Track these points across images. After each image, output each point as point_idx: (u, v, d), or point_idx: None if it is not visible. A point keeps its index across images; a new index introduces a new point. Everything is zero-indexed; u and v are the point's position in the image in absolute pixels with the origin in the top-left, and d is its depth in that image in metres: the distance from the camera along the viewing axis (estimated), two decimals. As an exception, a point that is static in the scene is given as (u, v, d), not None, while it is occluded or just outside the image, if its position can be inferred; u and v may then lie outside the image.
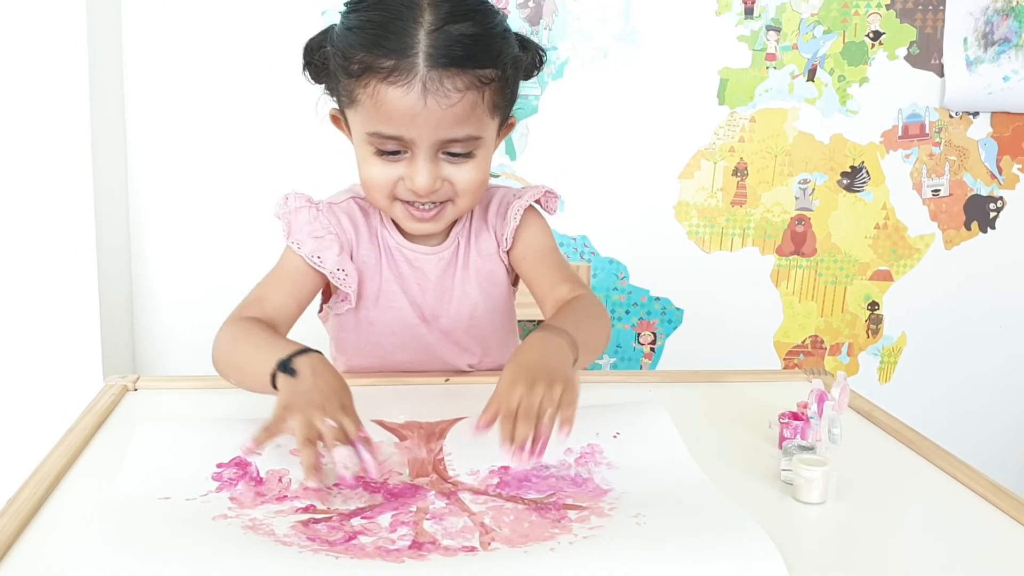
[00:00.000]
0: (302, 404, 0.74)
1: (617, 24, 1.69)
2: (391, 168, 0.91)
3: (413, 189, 0.91)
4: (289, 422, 0.73)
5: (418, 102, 0.85)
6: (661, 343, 1.83)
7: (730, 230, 1.79)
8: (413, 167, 0.90)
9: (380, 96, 0.86)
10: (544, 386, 0.75)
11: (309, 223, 0.99)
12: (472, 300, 1.05)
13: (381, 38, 0.85)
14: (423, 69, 0.85)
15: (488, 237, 1.06)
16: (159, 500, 0.68)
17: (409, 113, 0.86)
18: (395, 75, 0.85)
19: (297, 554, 0.60)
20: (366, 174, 0.93)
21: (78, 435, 0.81)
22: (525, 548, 0.63)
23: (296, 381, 0.78)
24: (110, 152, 1.56)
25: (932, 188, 1.80)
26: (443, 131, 0.88)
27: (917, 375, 1.88)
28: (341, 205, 1.03)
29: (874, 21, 1.72)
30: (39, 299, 1.46)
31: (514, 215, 1.03)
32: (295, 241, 0.99)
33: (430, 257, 1.03)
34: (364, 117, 0.89)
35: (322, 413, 0.73)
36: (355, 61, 0.86)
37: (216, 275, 1.68)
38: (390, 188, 0.92)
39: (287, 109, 1.64)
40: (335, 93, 0.94)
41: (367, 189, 0.95)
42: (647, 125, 1.73)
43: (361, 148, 0.92)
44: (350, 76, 0.88)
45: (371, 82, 0.86)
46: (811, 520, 0.72)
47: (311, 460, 0.70)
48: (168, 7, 1.59)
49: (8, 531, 0.63)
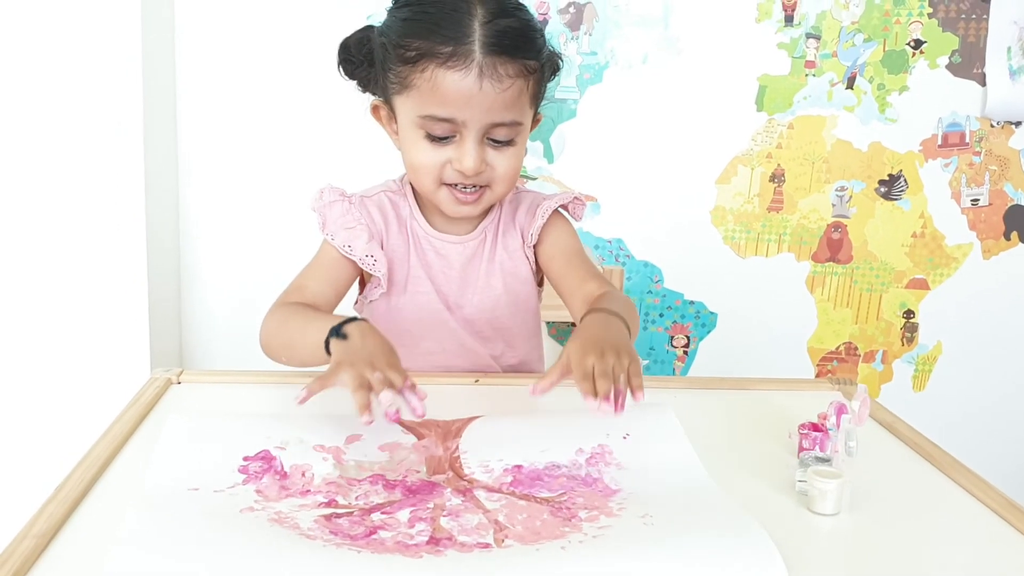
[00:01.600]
0: (353, 360, 0.81)
1: (657, 30, 1.70)
2: (439, 152, 0.98)
3: (461, 170, 0.97)
4: (341, 375, 0.80)
5: (474, 85, 0.93)
6: (695, 347, 1.84)
7: (766, 236, 1.80)
8: (462, 149, 0.96)
9: (438, 79, 0.93)
10: (613, 356, 0.81)
11: (342, 215, 1.06)
12: (495, 292, 1.10)
13: (439, 27, 0.93)
14: (479, 55, 0.93)
15: (515, 235, 1.12)
16: (189, 491, 0.72)
17: (465, 96, 0.93)
18: (453, 60, 0.93)
19: (321, 547, 0.64)
20: (415, 158, 1.00)
21: (123, 426, 0.86)
22: (537, 546, 0.66)
23: (347, 343, 0.85)
24: (161, 149, 1.61)
25: (971, 197, 1.79)
26: (493, 115, 0.95)
27: (952, 384, 1.87)
28: (372, 198, 1.10)
29: (915, 30, 1.72)
30: (90, 294, 1.52)
31: (542, 213, 1.09)
32: (329, 233, 1.06)
33: (455, 246, 1.09)
34: (418, 101, 0.96)
35: (371, 368, 0.80)
36: (412, 48, 0.94)
37: (262, 270, 1.73)
38: (438, 171, 0.99)
39: (333, 108, 1.68)
40: (380, 84, 1.01)
41: (415, 173, 1.02)
42: (685, 130, 1.74)
43: (410, 132, 0.99)
44: (406, 62, 0.95)
45: (429, 67, 0.93)
46: (823, 532, 0.73)
47: (363, 401, 0.77)
48: (220, 10, 1.64)
49: (56, 516, 0.67)
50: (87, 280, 1.51)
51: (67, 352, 1.53)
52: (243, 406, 0.95)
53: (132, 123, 1.49)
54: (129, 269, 1.51)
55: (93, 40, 1.45)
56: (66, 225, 1.50)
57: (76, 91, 1.46)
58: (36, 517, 0.67)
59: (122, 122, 1.48)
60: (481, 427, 0.87)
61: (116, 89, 1.47)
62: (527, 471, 0.79)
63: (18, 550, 0.62)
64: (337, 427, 0.84)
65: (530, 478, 0.78)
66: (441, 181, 1.00)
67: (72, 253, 1.50)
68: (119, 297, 1.52)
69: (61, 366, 1.53)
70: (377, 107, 1.05)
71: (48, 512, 0.67)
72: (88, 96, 1.47)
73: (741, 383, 1.09)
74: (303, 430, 0.83)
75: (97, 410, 1.09)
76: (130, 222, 1.50)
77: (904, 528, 0.74)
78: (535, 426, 0.88)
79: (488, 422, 0.88)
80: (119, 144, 1.48)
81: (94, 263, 1.51)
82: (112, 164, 1.49)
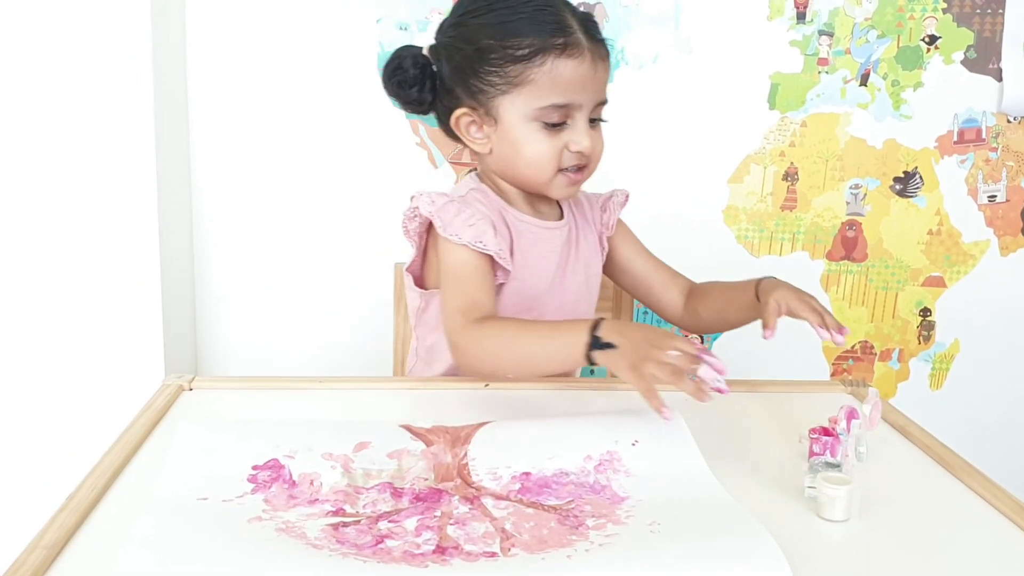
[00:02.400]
0: (643, 359, 0.83)
1: (668, 29, 1.70)
2: (556, 139, 1.04)
3: (580, 150, 1.04)
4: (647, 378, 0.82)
5: (590, 69, 1.02)
6: (708, 346, 1.83)
7: (779, 234, 1.79)
8: (577, 131, 1.04)
9: (558, 69, 1.01)
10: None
11: (458, 214, 1.05)
12: (578, 281, 1.16)
13: (545, 22, 1.01)
14: (586, 41, 1.02)
15: (589, 228, 1.19)
16: (198, 501, 0.72)
17: (583, 80, 1.02)
18: (570, 49, 1.01)
19: (327, 557, 0.64)
20: (534, 151, 1.05)
21: (135, 434, 0.86)
22: (543, 555, 0.66)
23: (618, 350, 0.86)
24: (174, 154, 1.62)
25: (988, 194, 1.77)
26: (600, 93, 1.05)
27: (970, 382, 1.85)
28: (467, 197, 1.09)
29: (930, 25, 1.70)
30: (103, 300, 1.52)
31: (615, 205, 1.21)
32: (454, 234, 1.03)
33: (553, 232, 1.14)
34: (535, 94, 1.02)
35: (661, 354, 0.82)
36: (524, 46, 1.01)
37: (277, 277, 1.74)
38: (556, 159, 1.05)
39: (347, 109, 1.68)
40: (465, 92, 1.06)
41: (533, 165, 1.06)
42: (696, 129, 1.74)
43: (523, 128, 1.04)
44: (517, 60, 1.01)
45: (547, 59, 1.01)
46: (833, 538, 0.73)
47: (692, 388, 0.80)
48: (231, 11, 1.65)
49: (67, 526, 0.68)
50: (100, 286, 1.52)
51: (81, 359, 1.54)
52: (254, 412, 0.96)
53: (143, 127, 1.49)
54: (142, 274, 1.52)
55: (102, 42, 1.45)
56: (78, 230, 1.50)
57: (87, 94, 1.46)
58: (46, 528, 0.67)
59: (133, 126, 1.49)
60: (490, 433, 0.87)
61: (128, 95, 1.48)
62: (535, 478, 0.79)
63: (28, 561, 0.63)
64: (345, 435, 0.84)
65: (538, 485, 0.78)
66: (558, 167, 1.06)
67: (85, 258, 1.51)
68: (132, 303, 1.53)
69: (75, 373, 1.54)
70: (462, 116, 1.08)
71: (58, 522, 0.68)
72: (99, 102, 1.47)
73: (752, 385, 1.09)
74: (312, 438, 0.83)
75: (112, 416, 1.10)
76: (143, 226, 1.51)
77: (915, 535, 0.74)
78: (544, 432, 0.88)
79: (497, 428, 0.88)
80: (130, 147, 1.49)
81: (106, 268, 1.52)
82: (124, 168, 1.50)
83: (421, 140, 1.70)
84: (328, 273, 1.74)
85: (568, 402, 1.00)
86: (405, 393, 1.04)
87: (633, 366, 0.83)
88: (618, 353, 0.86)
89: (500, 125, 1.06)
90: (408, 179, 1.70)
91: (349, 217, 1.71)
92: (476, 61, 1.03)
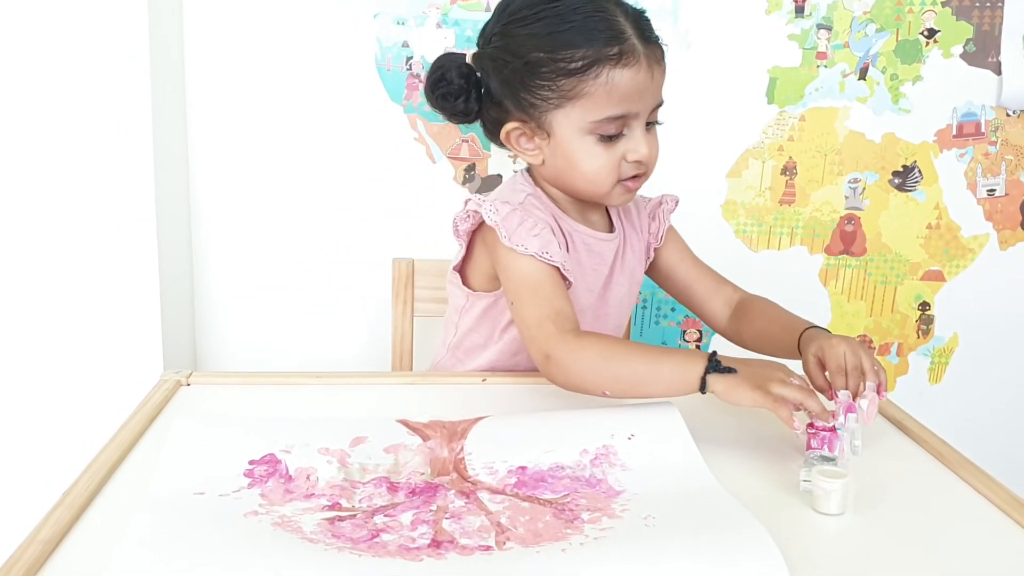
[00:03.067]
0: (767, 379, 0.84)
1: (666, 23, 1.69)
2: (614, 151, 1.00)
3: (640, 159, 1.01)
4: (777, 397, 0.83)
5: (646, 77, 0.98)
6: (707, 341, 1.83)
7: (778, 229, 1.79)
8: (635, 140, 1.00)
9: (615, 80, 0.96)
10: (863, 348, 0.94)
11: (521, 224, 1.00)
12: (622, 291, 1.15)
13: (598, 31, 0.95)
14: (641, 47, 0.97)
15: (636, 236, 1.16)
16: (194, 495, 0.73)
17: (640, 89, 0.98)
18: (625, 58, 0.96)
19: (323, 551, 0.64)
20: (591, 165, 1.01)
21: (132, 429, 0.87)
22: (538, 548, 0.66)
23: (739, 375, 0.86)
24: (172, 150, 1.62)
25: (987, 188, 1.77)
26: (657, 97, 1.02)
27: (969, 376, 1.85)
28: (525, 204, 1.05)
29: (929, 19, 1.70)
30: (101, 296, 1.52)
31: (665, 213, 1.18)
32: (520, 244, 0.99)
33: (605, 243, 1.12)
34: (591, 107, 0.97)
35: (786, 377, 0.85)
36: (577, 58, 0.95)
37: (275, 273, 1.74)
38: (616, 170, 1.01)
39: (345, 106, 1.68)
40: (515, 105, 1.01)
41: (591, 180, 1.02)
42: (694, 124, 1.73)
43: (579, 142, 1.00)
44: (571, 74, 0.96)
45: (603, 71, 0.95)
46: (827, 531, 0.73)
47: (819, 406, 0.83)
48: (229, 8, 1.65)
49: (63, 522, 0.68)
50: (98, 282, 1.52)
51: (80, 355, 1.54)
52: (252, 408, 0.96)
53: (141, 122, 1.49)
54: (140, 270, 1.52)
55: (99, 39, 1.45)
56: (76, 226, 1.50)
57: (84, 91, 1.46)
58: (42, 523, 0.67)
59: (131, 121, 1.48)
60: (486, 428, 0.87)
61: (125, 89, 1.47)
62: (531, 472, 0.79)
63: (24, 556, 0.63)
64: (342, 430, 0.85)
65: (534, 479, 0.78)
66: (617, 178, 1.02)
67: (83, 254, 1.51)
68: (131, 299, 1.53)
69: (74, 369, 1.54)
70: (513, 130, 1.03)
71: (54, 518, 0.68)
72: (96, 97, 1.47)
73: (749, 379, 1.08)
74: (308, 433, 0.83)
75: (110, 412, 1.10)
76: (141, 222, 1.51)
77: (910, 528, 0.74)
78: (540, 427, 0.88)
79: (494, 423, 0.88)
80: (128, 143, 1.49)
81: (105, 264, 1.52)
82: (122, 164, 1.49)
83: (419, 135, 1.70)
84: (327, 269, 1.74)
85: (564, 397, 1.00)
86: (402, 388, 1.04)
87: (757, 386, 0.84)
88: (739, 377, 0.86)
89: (553, 138, 1.01)
90: (406, 174, 1.70)
91: (348, 212, 1.71)
92: (526, 75, 0.99)
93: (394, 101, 1.68)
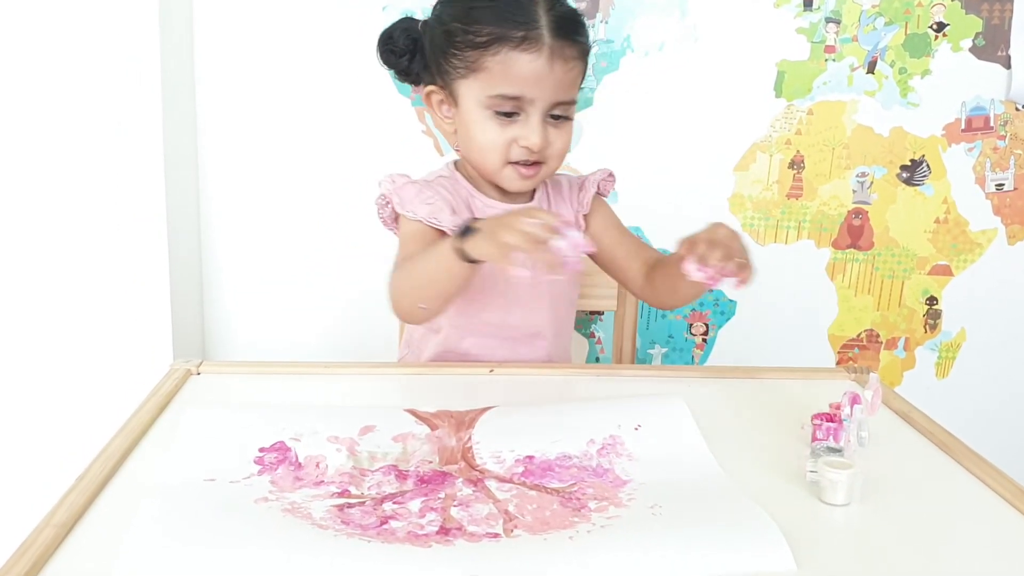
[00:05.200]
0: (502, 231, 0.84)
1: (674, 17, 1.69)
2: (506, 130, 1.05)
3: (528, 146, 1.04)
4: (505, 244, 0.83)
5: (545, 66, 1.02)
6: (713, 335, 1.84)
7: (785, 223, 1.79)
8: (528, 126, 1.04)
9: (511, 61, 1.01)
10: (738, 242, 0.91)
11: (417, 194, 1.09)
12: None
13: (511, 13, 1.01)
14: (548, 38, 1.01)
15: (565, 208, 1.19)
16: (205, 482, 0.73)
17: (536, 76, 1.02)
18: (526, 43, 1.01)
19: (332, 537, 0.65)
20: (483, 137, 1.06)
21: (143, 417, 0.88)
22: (545, 536, 0.67)
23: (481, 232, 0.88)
24: (182, 144, 1.63)
25: (996, 182, 1.77)
26: (559, 93, 1.04)
27: (976, 371, 1.85)
28: (433, 182, 1.14)
29: (938, 12, 1.69)
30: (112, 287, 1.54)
31: (591, 183, 1.19)
32: (410, 211, 1.08)
33: None
34: (487, 82, 1.03)
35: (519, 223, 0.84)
36: (484, 33, 1.01)
37: (284, 264, 1.74)
38: (505, 149, 1.05)
39: (352, 98, 1.69)
40: (437, 70, 1.08)
41: (482, 152, 1.07)
42: (702, 117, 1.73)
43: (476, 113, 1.05)
44: (476, 47, 1.02)
45: (502, 49, 1.01)
46: (834, 522, 0.73)
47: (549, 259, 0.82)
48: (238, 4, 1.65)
49: (76, 506, 0.69)
50: (109, 274, 1.53)
51: (91, 345, 1.55)
52: (261, 396, 0.97)
53: (151, 115, 1.50)
54: (150, 262, 1.53)
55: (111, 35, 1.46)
56: (87, 220, 1.51)
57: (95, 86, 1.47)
58: (57, 507, 0.68)
59: (140, 115, 1.50)
60: (494, 417, 0.87)
61: (135, 82, 1.48)
62: (538, 461, 0.80)
63: (39, 539, 0.64)
64: (351, 418, 0.85)
65: (541, 468, 0.79)
66: (507, 159, 1.06)
67: (94, 248, 1.52)
68: (141, 289, 1.54)
69: (86, 359, 1.56)
70: (431, 92, 1.10)
71: (68, 502, 0.69)
72: (107, 90, 1.48)
73: (755, 372, 1.09)
74: (317, 421, 0.84)
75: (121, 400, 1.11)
76: (151, 214, 1.52)
77: (916, 519, 0.74)
78: (548, 417, 0.89)
79: (501, 413, 0.89)
80: (138, 137, 1.50)
81: (115, 257, 1.53)
82: (132, 158, 1.50)
83: (427, 128, 1.70)
84: (334, 261, 1.74)
85: (571, 387, 1.00)
86: (410, 378, 1.05)
87: (492, 234, 0.86)
88: (480, 234, 0.88)
89: (459, 108, 1.08)
90: (414, 167, 1.67)
91: (355, 204, 1.72)
92: (444, 43, 1.06)
93: (402, 94, 1.69)
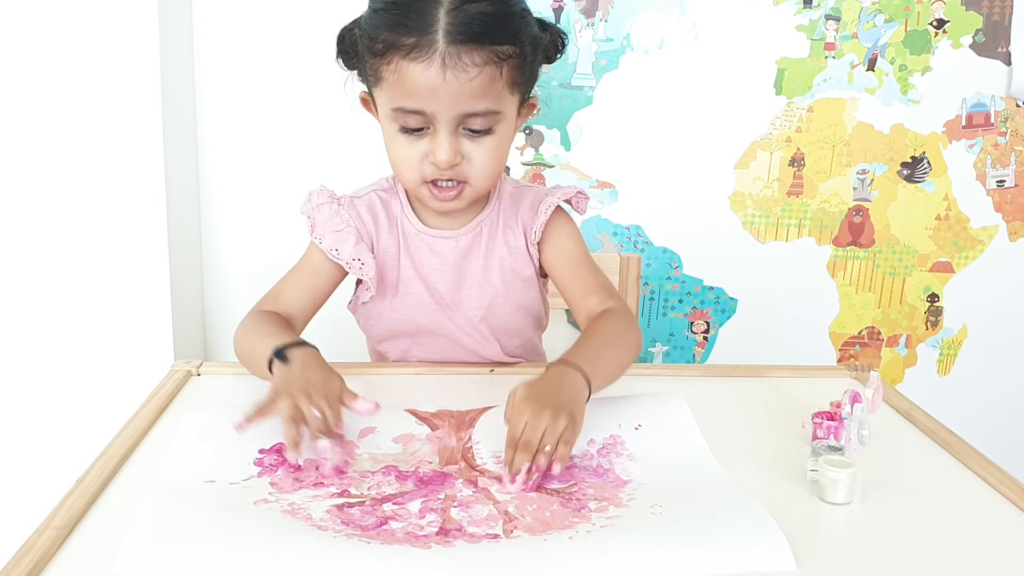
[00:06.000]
0: (292, 389, 0.82)
1: (673, 15, 1.69)
2: (415, 145, 0.95)
3: (435, 162, 0.94)
4: (279, 403, 0.81)
5: (437, 76, 0.89)
6: (715, 333, 1.83)
7: (786, 220, 1.79)
8: (435, 141, 0.93)
9: (402, 72, 0.90)
10: (550, 418, 0.77)
11: (331, 218, 1.06)
12: (493, 289, 1.07)
13: (404, 17, 0.90)
14: (442, 45, 0.88)
15: (517, 231, 1.08)
16: (204, 483, 0.73)
17: (429, 87, 0.90)
18: (416, 51, 0.89)
19: (332, 538, 0.65)
20: (394, 154, 0.98)
21: (143, 418, 0.88)
22: (545, 536, 0.67)
23: (288, 368, 0.86)
24: (182, 144, 1.63)
25: (997, 179, 1.77)
26: (463, 104, 0.91)
27: (978, 368, 1.85)
28: (363, 199, 1.09)
29: (938, 9, 1.69)
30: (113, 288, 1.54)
31: (544, 210, 1.05)
32: (318, 236, 1.05)
33: (448, 241, 1.07)
34: (388, 94, 0.93)
35: (308, 400, 0.80)
36: (379, 40, 0.91)
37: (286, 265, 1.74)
38: (417, 166, 0.96)
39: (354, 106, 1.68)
40: (363, 75, 0.99)
41: (396, 169, 0.99)
42: (703, 115, 1.73)
43: (387, 126, 0.97)
44: (375, 55, 0.92)
45: (394, 59, 0.90)
46: (835, 520, 0.73)
47: (292, 436, 0.78)
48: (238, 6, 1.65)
49: (76, 509, 0.69)
50: (110, 275, 1.53)
51: (92, 346, 1.55)
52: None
53: (151, 115, 1.50)
54: (151, 263, 1.53)
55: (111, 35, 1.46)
56: (88, 220, 1.51)
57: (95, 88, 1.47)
58: (56, 510, 0.69)
59: (140, 115, 1.49)
60: (494, 418, 0.87)
61: (136, 83, 1.48)
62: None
63: (39, 542, 0.64)
64: (350, 421, 0.85)
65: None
66: (423, 177, 0.97)
67: (94, 248, 1.52)
68: (142, 290, 1.54)
69: (86, 360, 1.56)
70: (365, 99, 1.03)
71: (68, 505, 0.69)
72: (107, 92, 1.48)
73: (756, 370, 1.09)
74: (317, 423, 0.84)
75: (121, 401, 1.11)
76: (151, 215, 1.52)
77: (917, 517, 0.74)
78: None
79: (501, 413, 0.88)
80: (138, 137, 1.50)
81: (116, 258, 1.53)
82: (132, 158, 1.50)
83: (427, 127, 1.70)
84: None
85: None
86: (410, 378, 1.05)
87: (278, 390, 0.83)
88: (284, 371, 0.86)
89: (380, 119, 1.00)
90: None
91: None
92: (361, 48, 0.96)
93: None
